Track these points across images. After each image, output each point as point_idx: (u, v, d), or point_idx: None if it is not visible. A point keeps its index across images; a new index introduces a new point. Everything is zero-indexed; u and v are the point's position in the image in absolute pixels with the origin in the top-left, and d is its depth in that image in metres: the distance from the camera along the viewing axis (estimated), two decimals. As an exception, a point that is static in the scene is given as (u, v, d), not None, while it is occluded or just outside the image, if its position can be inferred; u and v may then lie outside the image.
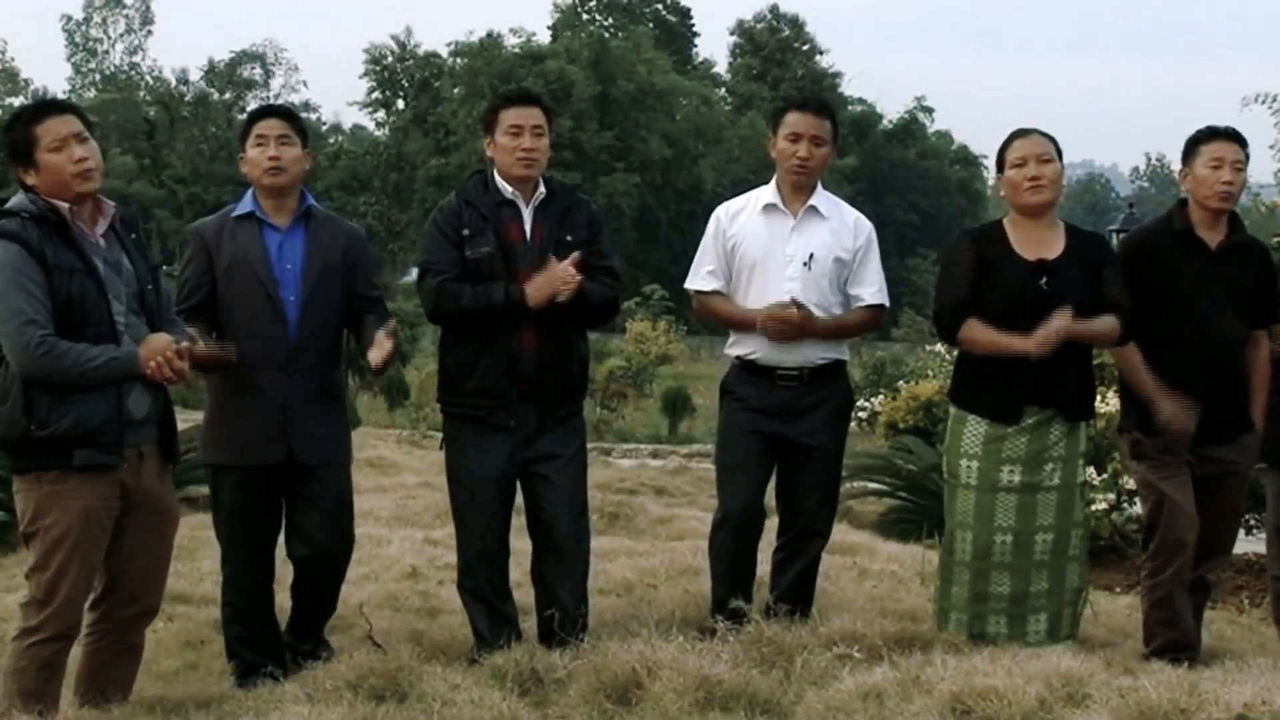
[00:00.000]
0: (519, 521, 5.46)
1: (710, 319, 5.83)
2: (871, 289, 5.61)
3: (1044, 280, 5.13)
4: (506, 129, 5.27)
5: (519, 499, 5.42)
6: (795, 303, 5.38)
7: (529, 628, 5.38)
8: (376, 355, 5.02)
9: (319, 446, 5.17)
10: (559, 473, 5.31)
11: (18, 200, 4.40)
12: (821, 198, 5.60)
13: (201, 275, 5.12)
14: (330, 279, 5.17)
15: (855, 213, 5.74)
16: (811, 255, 5.49)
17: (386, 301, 5.53)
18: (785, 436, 5.48)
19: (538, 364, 5.20)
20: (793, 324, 5.37)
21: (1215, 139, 5.36)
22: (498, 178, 5.32)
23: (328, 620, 5.49)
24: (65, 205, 4.38)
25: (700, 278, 5.62)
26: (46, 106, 4.52)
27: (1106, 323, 5.16)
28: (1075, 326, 5.04)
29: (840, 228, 5.59)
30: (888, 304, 5.68)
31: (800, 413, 5.47)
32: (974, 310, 5.16)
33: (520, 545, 5.50)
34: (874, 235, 5.70)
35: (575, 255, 5.13)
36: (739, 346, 5.58)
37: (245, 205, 5.20)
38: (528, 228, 5.27)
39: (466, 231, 5.22)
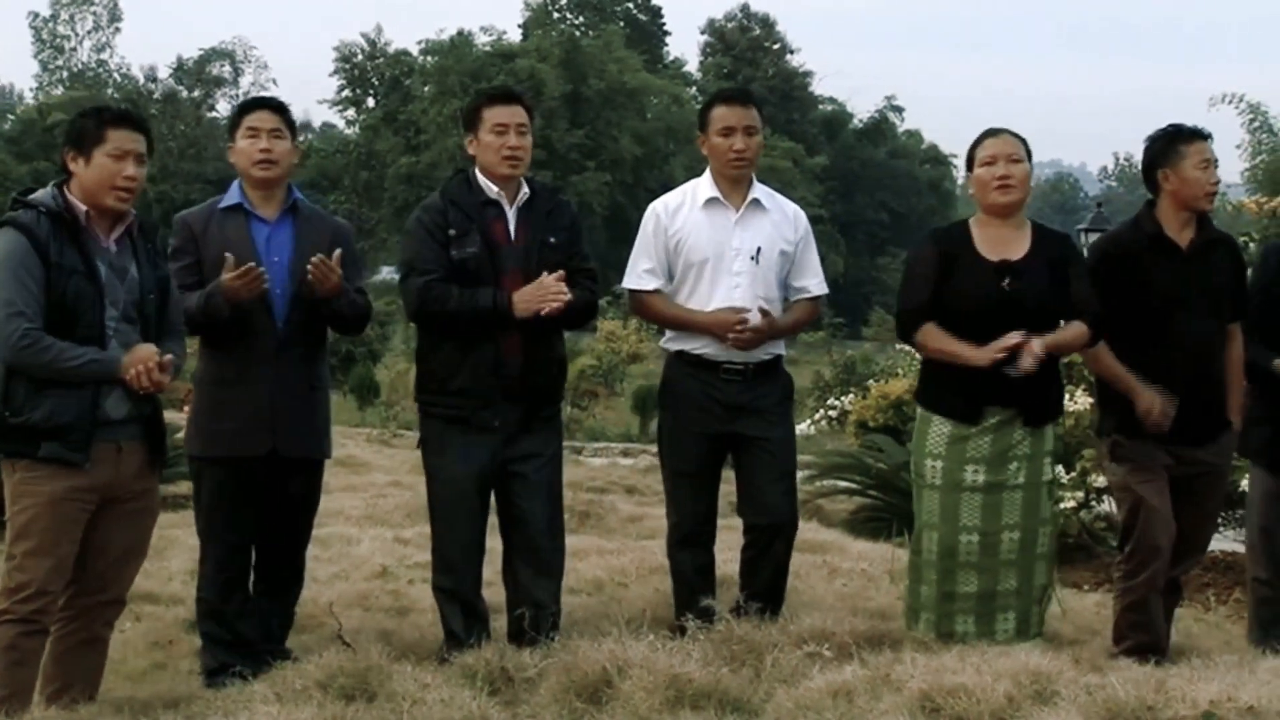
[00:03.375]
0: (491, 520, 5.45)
1: (648, 319, 5.78)
2: (815, 280, 5.63)
3: (1006, 281, 5.14)
4: (491, 127, 5.25)
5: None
6: (762, 310, 5.37)
7: (498, 626, 5.37)
8: None
9: (302, 441, 5.19)
10: (538, 472, 5.30)
11: (41, 194, 4.49)
12: (761, 191, 5.59)
13: (188, 268, 5.10)
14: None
15: (792, 204, 5.75)
16: (759, 249, 5.47)
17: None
18: (736, 433, 5.46)
19: (522, 366, 5.19)
20: (760, 330, 5.36)
21: (1198, 138, 5.37)
22: (481, 177, 5.30)
23: (291, 620, 5.47)
24: (84, 209, 4.45)
25: (638, 276, 5.55)
26: (127, 117, 4.60)
27: (1074, 329, 5.18)
28: (1048, 342, 5.04)
29: (782, 220, 5.59)
30: (827, 292, 5.70)
31: (745, 407, 5.44)
32: (937, 311, 5.16)
33: (490, 544, 5.49)
34: (809, 226, 5.70)
35: (562, 272, 5.11)
36: (680, 341, 5.53)
37: (232, 197, 5.20)
38: (512, 228, 5.26)
39: (453, 231, 5.20)
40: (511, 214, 5.28)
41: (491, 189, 5.27)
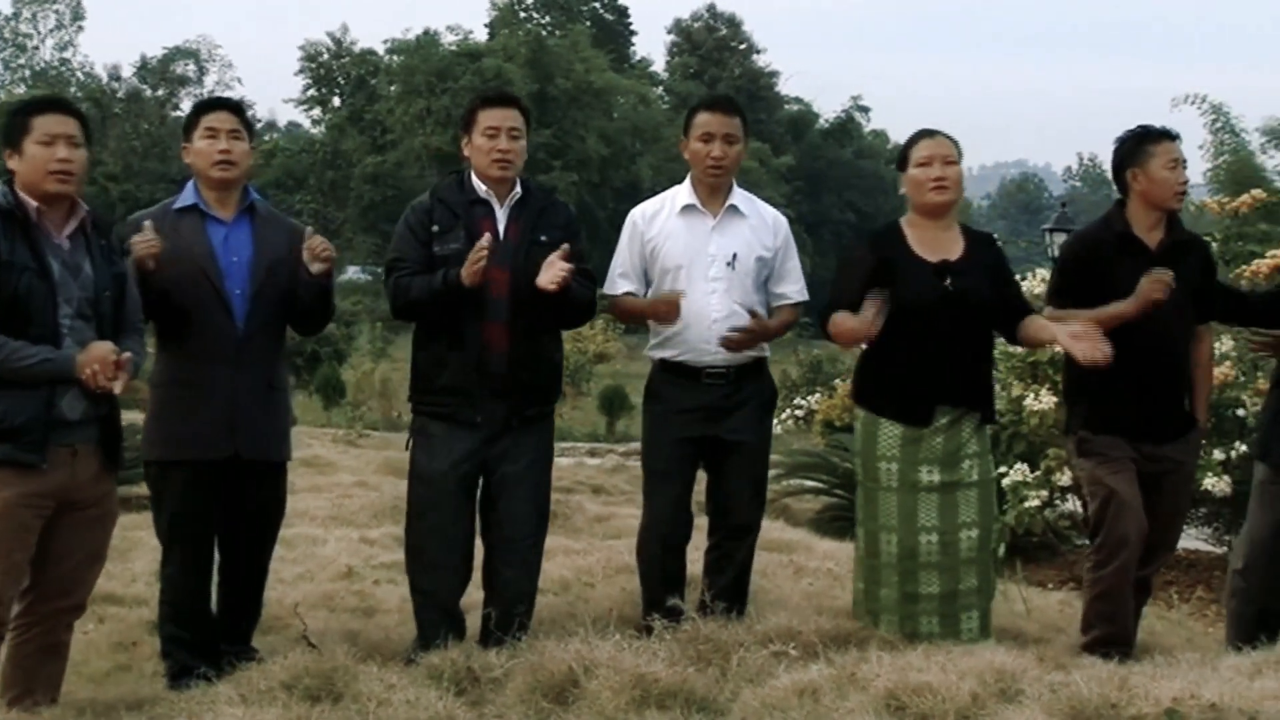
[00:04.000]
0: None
1: (626, 320, 5.81)
2: (795, 286, 5.64)
3: (948, 281, 5.18)
4: (483, 130, 5.26)
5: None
6: (752, 312, 5.38)
7: (474, 623, 5.34)
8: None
9: (264, 443, 5.14)
10: (521, 472, 5.30)
11: None
12: (739, 196, 5.60)
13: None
14: (278, 273, 5.12)
15: (772, 210, 5.75)
16: (735, 255, 5.48)
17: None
18: (713, 436, 5.47)
19: (508, 364, 5.18)
20: (752, 332, 5.37)
21: (1166, 139, 5.41)
22: (474, 178, 5.31)
23: (256, 621, 5.44)
24: (34, 205, 4.38)
25: (612, 281, 5.60)
26: (50, 103, 4.56)
27: (1041, 321, 5.28)
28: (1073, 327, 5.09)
29: (760, 226, 5.60)
30: (808, 299, 5.69)
31: (727, 411, 5.46)
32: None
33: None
34: (790, 232, 5.71)
35: (564, 248, 5.10)
36: (662, 349, 5.56)
37: (187, 198, 5.15)
38: (501, 227, 5.25)
39: (436, 228, 5.22)
40: (502, 213, 5.28)
41: (481, 189, 5.29)
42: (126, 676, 5.31)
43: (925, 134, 5.33)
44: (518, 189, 5.32)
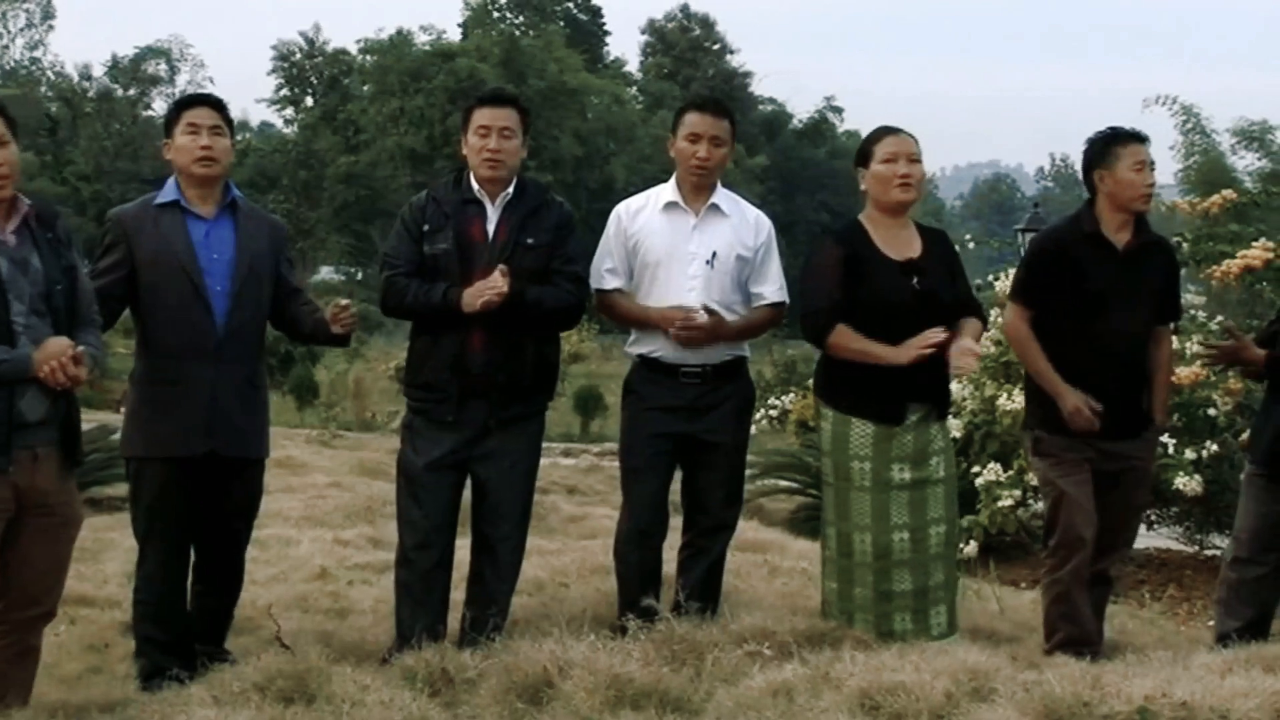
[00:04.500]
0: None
1: (611, 318, 5.81)
2: (773, 286, 5.64)
3: (915, 280, 5.21)
4: (476, 129, 5.28)
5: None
6: (706, 308, 5.39)
7: (452, 625, 5.34)
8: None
9: (242, 441, 5.15)
10: (504, 475, 5.31)
11: None
12: (722, 196, 5.62)
13: (117, 263, 5.05)
14: (260, 270, 5.14)
15: (755, 210, 5.76)
16: (715, 253, 5.49)
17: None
18: (690, 434, 5.48)
19: (484, 364, 5.19)
20: (704, 329, 5.39)
21: (1134, 141, 5.44)
22: (469, 176, 5.33)
23: (230, 622, 5.43)
24: None
25: (600, 276, 5.59)
26: None
27: (978, 326, 5.36)
28: (975, 337, 5.24)
29: (741, 225, 5.61)
30: (788, 301, 5.69)
31: (705, 410, 5.47)
32: (846, 311, 5.19)
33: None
34: (773, 232, 5.73)
35: (502, 267, 5.10)
36: (641, 345, 5.57)
37: (168, 194, 5.13)
38: (491, 227, 5.26)
39: (427, 227, 5.25)
40: (493, 213, 5.29)
41: (475, 187, 5.30)
42: (98, 678, 5.28)
43: (888, 131, 5.35)
44: (511, 188, 5.32)
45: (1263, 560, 5.52)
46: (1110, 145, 5.43)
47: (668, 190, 5.61)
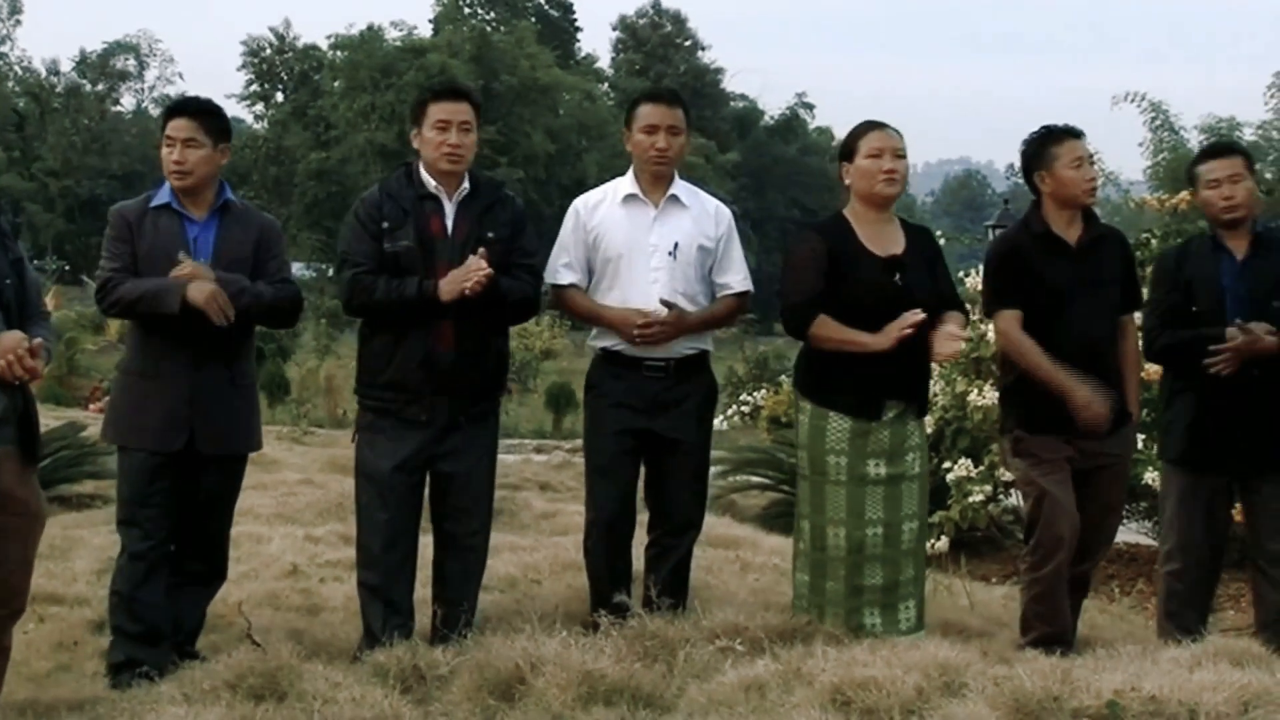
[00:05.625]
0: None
1: (567, 314, 5.78)
2: (738, 276, 5.63)
3: (897, 275, 5.21)
4: (434, 123, 5.24)
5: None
6: (664, 302, 5.39)
7: (422, 623, 5.33)
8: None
9: (222, 437, 5.17)
10: (469, 470, 5.30)
11: None
12: (681, 187, 5.61)
13: (129, 253, 5.10)
14: (239, 269, 5.13)
15: (715, 201, 5.76)
16: (676, 245, 5.48)
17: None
18: (653, 431, 5.47)
19: (454, 361, 5.17)
20: (666, 325, 5.38)
21: (1069, 137, 5.44)
22: (423, 171, 5.30)
23: (203, 620, 5.41)
24: None
25: (557, 271, 5.58)
26: None
27: (959, 318, 5.35)
28: (959, 323, 5.25)
29: (702, 216, 5.61)
30: (752, 290, 5.70)
31: (667, 406, 5.47)
32: (827, 305, 5.19)
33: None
34: (733, 222, 5.72)
35: (483, 250, 5.09)
36: (603, 338, 5.56)
37: (163, 196, 5.19)
38: (449, 222, 5.24)
39: (386, 224, 5.20)
40: (450, 208, 5.26)
41: (430, 183, 5.27)
42: (67, 677, 5.26)
43: (874, 125, 5.35)
44: (466, 184, 5.30)
45: (1202, 561, 5.52)
46: (1046, 145, 5.44)
47: (626, 183, 5.60)
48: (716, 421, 16.70)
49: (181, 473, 5.12)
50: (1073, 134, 5.46)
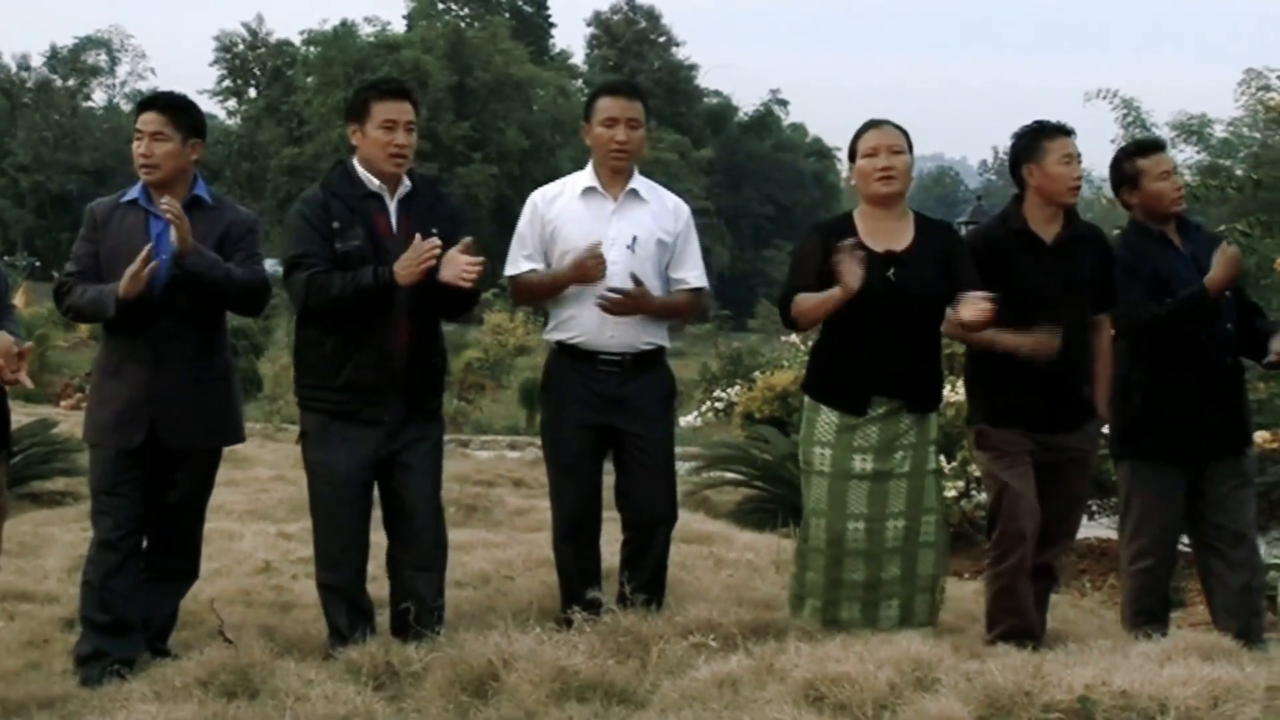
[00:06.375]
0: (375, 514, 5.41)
1: (528, 300, 5.74)
2: (695, 272, 5.63)
3: (891, 271, 5.20)
4: (380, 123, 5.20)
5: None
6: (633, 277, 5.38)
7: (382, 621, 5.33)
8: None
9: (187, 432, 5.15)
10: (420, 463, 5.28)
11: None
12: (640, 182, 5.60)
13: (91, 253, 5.12)
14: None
15: (674, 196, 5.75)
16: (635, 238, 5.48)
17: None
18: (614, 427, 5.47)
19: (408, 359, 5.17)
20: (632, 297, 5.36)
21: (1061, 134, 5.48)
22: (360, 169, 5.25)
23: (175, 616, 5.39)
24: None
25: (515, 263, 5.55)
26: None
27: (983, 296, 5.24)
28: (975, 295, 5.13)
29: (661, 211, 5.60)
30: (707, 286, 5.70)
31: (624, 401, 5.45)
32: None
33: (374, 538, 5.45)
34: (691, 218, 5.72)
35: (468, 241, 5.09)
36: (559, 331, 5.54)
37: (134, 192, 5.20)
38: (393, 221, 5.23)
39: (336, 224, 5.17)
40: (393, 207, 5.25)
41: (373, 182, 5.23)
42: (37, 675, 5.22)
43: (872, 124, 5.35)
44: (406, 182, 5.29)
45: (1170, 556, 5.55)
46: (1038, 139, 5.48)
47: (585, 176, 5.59)
48: (690, 418, 16.78)
49: (151, 467, 5.12)
50: (1064, 131, 5.50)
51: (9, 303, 4.63)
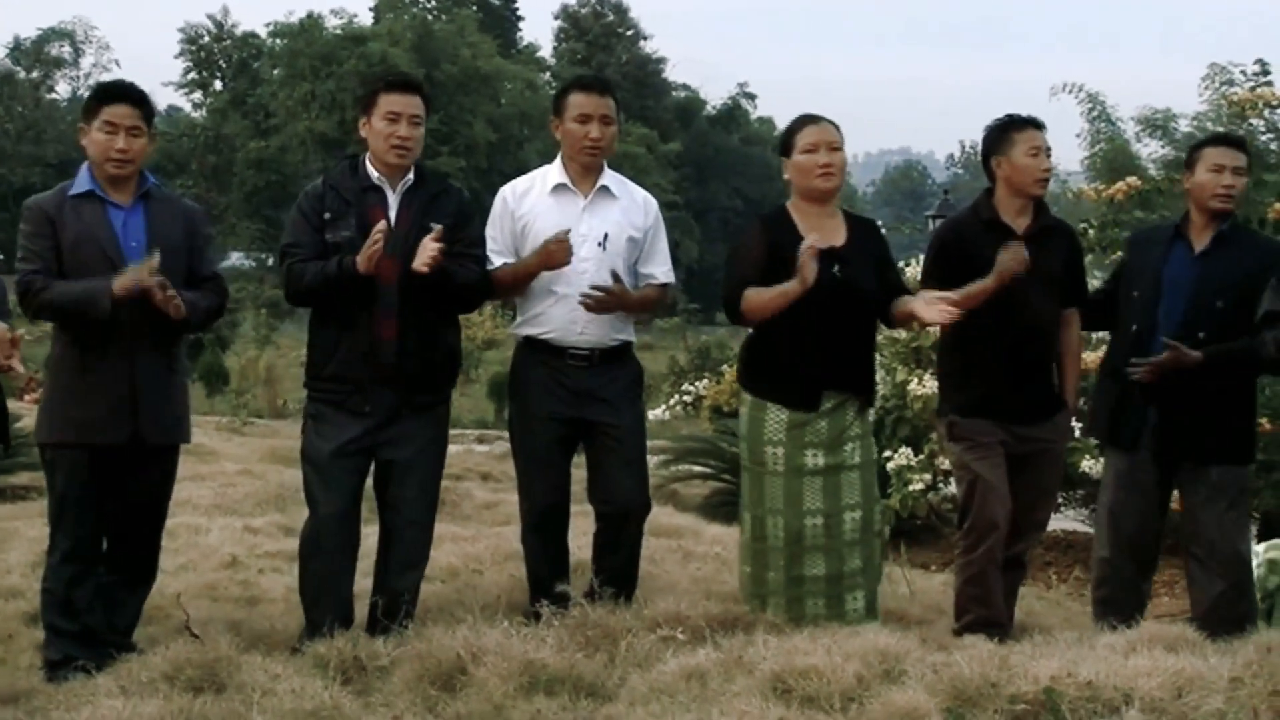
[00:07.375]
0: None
1: (498, 294, 5.73)
2: (663, 267, 5.66)
3: (836, 268, 5.22)
4: (384, 114, 5.21)
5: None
6: (616, 276, 5.38)
7: (361, 614, 5.31)
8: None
9: (164, 426, 5.12)
10: (412, 460, 5.28)
11: None
12: (610, 177, 5.59)
13: (51, 249, 4.99)
14: (174, 257, 5.05)
15: (643, 191, 5.76)
16: (606, 235, 5.47)
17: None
18: (584, 420, 5.47)
19: (397, 353, 5.15)
20: (613, 295, 5.36)
21: (1030, 127, 5.51)
22: (368, 162, 5.27)
23: (139, 615, 5.36)
24: None
25: (488, 257, 5.52)
26: None
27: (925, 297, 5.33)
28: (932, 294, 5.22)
29: (631, 207, 5.60)
30: (674, 282, 5.72)
31: (593, 392, 5.45)
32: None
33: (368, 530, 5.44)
34: (660, 213, 5.73)
35: (438, 229, 5.07)
36: (527, 326, 5.53)
37: (83, 183, 5.09)
38: (394, 214, 5.22)
39: (328, 215, 5.18)
40: (394, 199, 5.24)
41: (374, 174, 5.25)
42: (2, 670, 5.19)
43: (809, 120, 5.37)
44: (410, 175, 5.28)
45: (1136, 548, 5.54)
46: (1007, 131, 5.51)
47: (555, 172, 5.58)
48: (659, 411, 16.73)
49: (117, 468, 5.06)
50: (1034, 124, 5.53)
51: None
